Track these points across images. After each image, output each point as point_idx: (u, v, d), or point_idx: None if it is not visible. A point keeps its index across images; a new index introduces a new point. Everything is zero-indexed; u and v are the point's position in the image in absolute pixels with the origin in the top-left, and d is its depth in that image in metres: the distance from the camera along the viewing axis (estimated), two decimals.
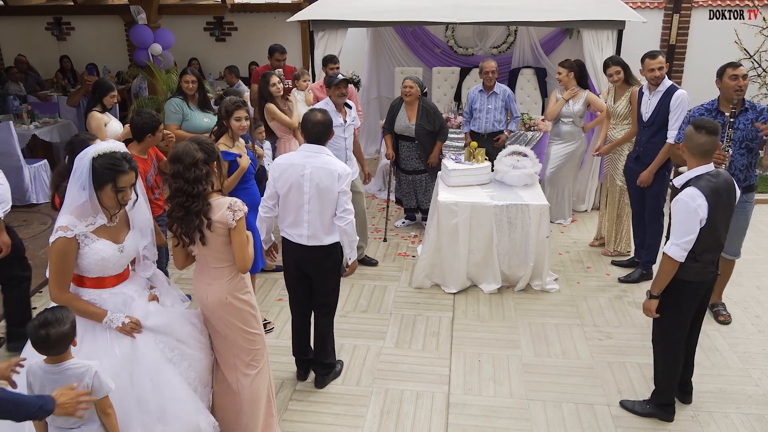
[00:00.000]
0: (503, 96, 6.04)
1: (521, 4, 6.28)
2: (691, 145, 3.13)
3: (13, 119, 7.37)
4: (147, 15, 8.25)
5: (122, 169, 2.65)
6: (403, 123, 5.80)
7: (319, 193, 3.39)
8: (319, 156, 3.43)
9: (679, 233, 3.09)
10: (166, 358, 2.77)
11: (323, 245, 3.50)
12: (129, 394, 2.62)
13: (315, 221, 3.44)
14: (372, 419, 3.54)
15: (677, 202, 3.10)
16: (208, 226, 2.78)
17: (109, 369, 2.53)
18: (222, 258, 2.88)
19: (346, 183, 3.41)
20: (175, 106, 5.15)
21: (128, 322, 2.69)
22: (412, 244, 5.96)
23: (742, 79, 4.06)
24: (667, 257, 3.13)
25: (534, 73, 8.27)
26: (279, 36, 9.49)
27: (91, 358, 2.50)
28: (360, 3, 6.51)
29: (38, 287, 5.11)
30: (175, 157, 2.82)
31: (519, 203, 4.85)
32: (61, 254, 2.60)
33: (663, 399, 3.48)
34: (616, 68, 5.20)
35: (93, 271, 2.71)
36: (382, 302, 4.87)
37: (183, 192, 2.77)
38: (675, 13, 8.05)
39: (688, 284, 3.20)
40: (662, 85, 4.72)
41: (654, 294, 3.25)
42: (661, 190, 4.93)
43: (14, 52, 9.96)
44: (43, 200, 7.07)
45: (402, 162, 6.04)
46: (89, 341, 2.67)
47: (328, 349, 3.84)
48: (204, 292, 2.94)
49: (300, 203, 3.42)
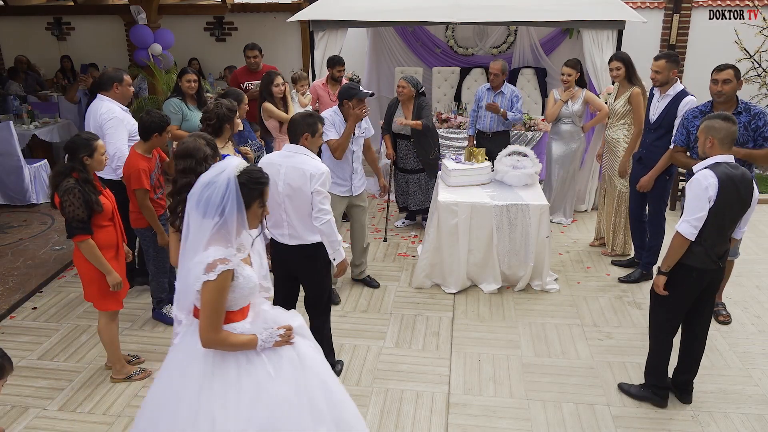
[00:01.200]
0: (510, 96, 6.00)
1: (521, 4, 6.28)
2: (716, 135, 3.21)
3: (13, 119, 7.37)
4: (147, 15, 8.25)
5: (266, 180, 2.41)
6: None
7: (293, 193, 3.40)
8: (295, 156, 3.43)
9: (690, 210, 3.18)
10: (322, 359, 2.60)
11: (306, 244, 3.50)
12: (302, 405, 2.39)
13: (293, 221, 3.46)
14: (372, 419, 3.54)
15: (691, 182, 3.22)
16: None
17: (283, 388, 2.35)
18: None
19: (319, 183, 3.36)
20: (174, 106, 5.15)
21: (283, 332, 2.45)
22: (412, 244, 5.96)
23: (723, 84, 3.99)
24: (678, 234, 3.22)
25: (534, 73, 8.27)
26: (279, 36, 9.51)
27: (260, 386, 2.31)
28: (360, 3, 6.51)
29: (38, 287, 5.12)
30: (186, 152, 2.92)
31: (519, 203, 4.85)
32: (223, 291, 2.30)
33: (653, 380, 3.58)
34: (616, 64, 5.19)
35: (239, 304, 2.42)
36: (382, 302, 4.87)
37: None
38: (675, 13, 8.05)
39: (689, 269, 3.28)
40: (673, 89, 4.66)
41: (662, 270, 3.34)
42: (663, 194, 4.91)
43: (14, 52, 9.96)
44: (43, 200, 7.07)
45: (399, 161, 6.08)
46: (220, 377, 2.35)
47: (324, 348, 3.82)
48: None
49: (278, 202, 3.44)
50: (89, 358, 4.16)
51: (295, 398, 2.39)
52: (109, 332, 3.79)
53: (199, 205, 2.32)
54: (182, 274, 2.42)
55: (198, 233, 2.33)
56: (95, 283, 3.65)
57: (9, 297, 4.92)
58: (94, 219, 3.51)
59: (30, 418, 3.56)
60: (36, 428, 3.48)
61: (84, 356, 4.18)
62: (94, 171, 3.57)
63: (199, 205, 2.32)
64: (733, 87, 4.01)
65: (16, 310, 4.80)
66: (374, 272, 5.34)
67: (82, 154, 3.46)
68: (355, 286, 5.12)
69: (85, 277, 3.67)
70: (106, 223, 3.59)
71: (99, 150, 3.53)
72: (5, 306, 4.78)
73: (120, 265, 3.73)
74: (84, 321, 4.62)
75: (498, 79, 5.94)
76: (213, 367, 2.36)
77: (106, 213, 3.57)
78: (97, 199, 3.50)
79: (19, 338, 4.41)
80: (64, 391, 3.81)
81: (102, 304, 3.71)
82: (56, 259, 5.61)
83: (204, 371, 2.35)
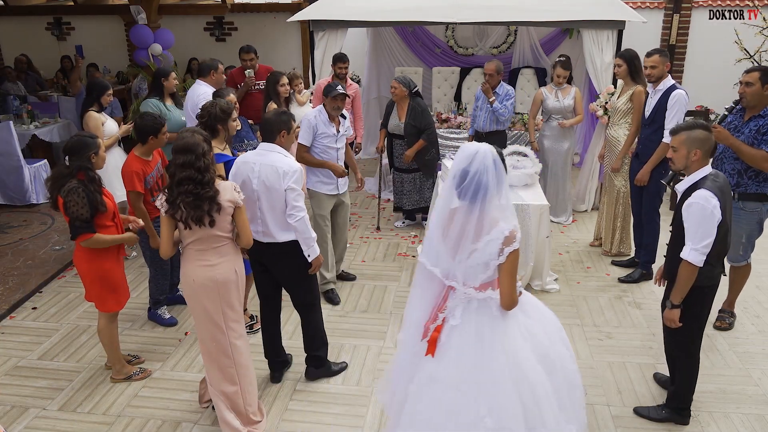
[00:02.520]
0: (503, 95, 5.97)
1: (521, 4, 6.28)
2: (703, 147, 3.07)
3: (13, 119, 7.37)
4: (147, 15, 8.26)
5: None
6: (395, 122, 5.90)
7: (267, 191, 3.40)
8: (269, 154, 3.43)
9: (698, 238, 3.01)
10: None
11: (278, 242, 3.50)
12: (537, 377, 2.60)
13: (267, 218, 3.46)
14: (372, 419, 3.54)
15: (690, 206, 3.02)
16: (218, 210, 3.00)
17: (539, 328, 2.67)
18: (224, 237, 3.12)
19: (293, 180, 3.37)
20: (153, 106, 5.19)
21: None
22: (412, 244, 5.96)
23: (745, 86, 3.93)
24: (687, 263, 3.05)
25: (534, 73, 8.28)
26: (279, 36, 9.51)
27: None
28: (360, 3, 6.51)
29: (38, 287, 5.12)
30: (185, 148, 2.98)
31: (519, 203, 4.84)
32: (519, 255, 2.56)
33: (682, 403, 3.44)
34: (618, 61, 5.21)
35: None
36: (382, 302, 4.87)
37: (193, 180, 2.96)
38: (675, 13, 8.06)
39: (701, 289, 3.15)
40: (663, 84, 4.71)
41: (675, 303, 3.16)
42: (658, 190, 4.92)
43: (14, 52, 9.97)
44: (43, 200, 7.06)
45: (395, 160, 6.13)
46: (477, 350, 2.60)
47: (316, 342, 3.86)
48: (208, 274, 3.11)
49: (252, 200, 3.44)
50: (89, 358, 4.16)
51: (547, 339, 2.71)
52: (109, 333, 3.79)
53: (467, 193, 2.50)
54: (462, 257, 2.57)
55: (471, 218, 2.51)
56: (96, 284, 3.65)
57: (9, 297, 4.92)
58: (96, 219, 3.51)
59: (30, 418, 3.56)
60: (36, 428, 3.48)
61: (84, 356, 4.18)
62: (98, 169, 3.58)
63: (468, 192, 2.50)
64: (754, 90, 3.91)
65: (16, 310, 4.80)
66: (374, 272, 5.34)
67: (90, 152, 3.48)
68: (355, 286, 5.12)
69: (86, 278, 3.67)
70: (108, 224, 3.59)
71: (102, 148, 3.58)
72: (5, 306, 4.78)
73: (119, 267, 3.74)
74: (84, 321, 4.62)
75: (493, 80, 5.91)
76: (504, 328, 2.62)
77: (108, 213, 3.57)
78: (101, 198, 3.51)
79: (19, 338, 4.41)
80: (64, 391, 3.80)
81: (103, 305, 3.71)
82: (56, 259, 5.61)
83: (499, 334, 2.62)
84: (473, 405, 2.54)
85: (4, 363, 4.11)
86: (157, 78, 5.32)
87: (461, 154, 2.55)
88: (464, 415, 2.55)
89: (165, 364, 4.06)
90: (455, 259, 2.58)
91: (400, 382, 2.81)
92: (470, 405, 2.54)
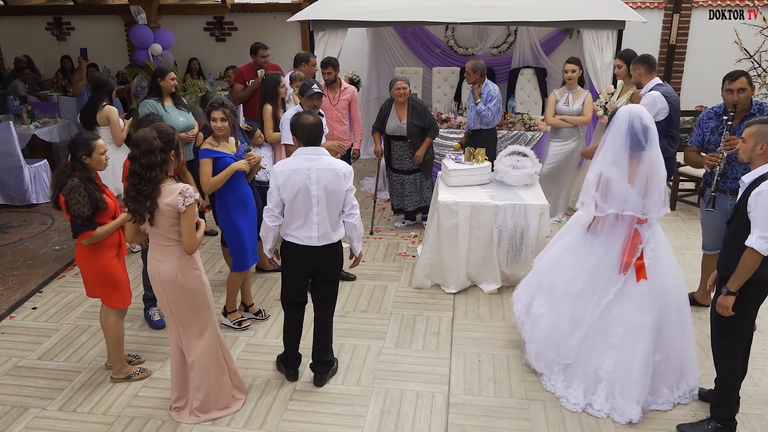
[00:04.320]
0: (486, 95, 5.84)
1: (521, 4, 6.29)
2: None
3: (13, 119, 7.37)
4: (147, 15, 8.26)
5: None
6: (395, 123, 5.83)
7: (327, 195, 3.46)
8: (321, 158, 3.47)
9: (767, 225, 2.92)
10: None
11: (332, 243, 3.59)
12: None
13: (324, 222, 3.51)
14: (372, 419, 3.54)
15: (760, 195, 2.95)
16: (155, 209, 3.11)
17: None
18: (170, 238, 3.21)
19: (351, 180, 3.54)
20: (150, 106, 5.18)
21: None
22: (412, 244, 5.96)
23: (738, 93, 3.94)
24: (752, 251, 2.95)
25: (534, 73, 8.27)
26: (279, 36, 9.50)
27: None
28: (360, 3, 6.52)
29: (38, 287, 5.12)
30: (134, 141, 3.13)
31: (519, 203, 4.85)
32: None
33: (728, 412, 3.34)
34: (618, 62, 5.23)
35: None
36: (382, 302, 4.87)
37: (137, 175, 3.10)
38: (675, 13, 8.05)
39: (758, 283, 3.09)
40: (646, 87, 4.71)
41: (732, 290, 3.08)
42: None
43: (14, 52, 9.97)
44: (43, 200, 7.06)
45: (395, 162, 6.06)
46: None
47: (330, 346, 3.86)
48: (157, 268, 3.27)
49: (309, 206, 3.45)
50: (89, 358, 4.16)
51: None
52: (116, 331, 3.79)
53: (645, 142, 3.31)
54: (653, 191, 3.38)
55: (648, 162, 3.33)
56: (99, 282, 3.66)
57: (9, 297, 4.92)
58: (97, 218, 3.51)
59: (30, 418, 3.56)
60: (36, 428, 3.49)
61: (84, 356, 4.18)
62: (95, 170, 3.58)
63: (647, 141, 3.31)
64: (748, 94, 3.95)
65: (16, 310, 4.80)
66: (374, 272, 5.35)
67: (80, 153, 3.47)
68: (355, 286, 5.12)
69: (89, 277, 3.67)
70: (109, 222, 3.59)
71: (98, 149, 3.52)
72: (5, 306, 4.78)
73: (121, 265, 3.74)
74: (84, 321, 4.62)
75: (470, 77, 5.83)
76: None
77: (109, 211, 3.58)
78: (101, 196, 3.52)
79: (19, 338, 4.42)
80: (64, 391, 3.81)
81: (108, 300, 3.72)
82: (56, 259, 5.61)
83: None
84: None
85: (4, 363, 4.11)
86: (154, 78, 5.33)
87: (637, 112, 3.35)
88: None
89: (165, 364, 4.06)
90: (650, 195, 3.32)
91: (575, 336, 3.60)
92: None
